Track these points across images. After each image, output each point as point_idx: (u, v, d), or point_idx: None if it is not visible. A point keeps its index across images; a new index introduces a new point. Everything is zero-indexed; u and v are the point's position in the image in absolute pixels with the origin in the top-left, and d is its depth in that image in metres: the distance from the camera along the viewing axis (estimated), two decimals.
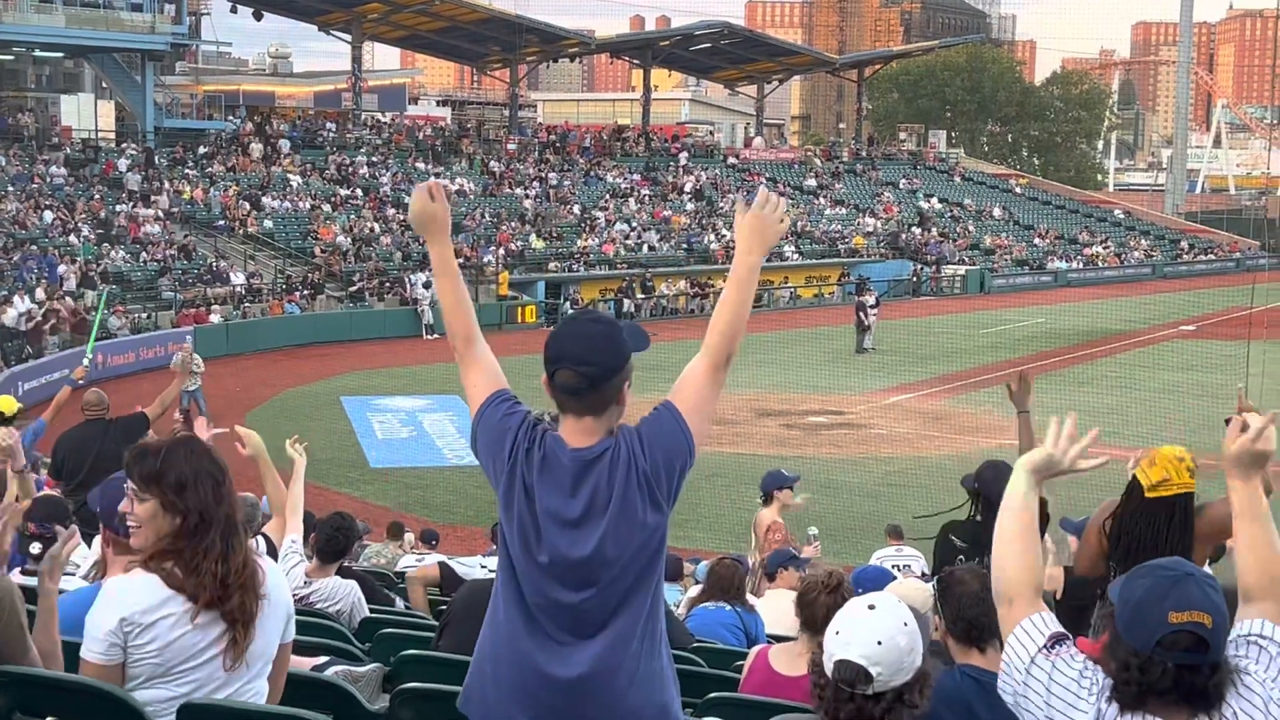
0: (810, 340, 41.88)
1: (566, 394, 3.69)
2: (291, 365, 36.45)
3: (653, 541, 3.67)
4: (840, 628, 3.39)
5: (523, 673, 3.67)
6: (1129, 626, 3.00)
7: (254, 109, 62.47)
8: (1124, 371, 35.78)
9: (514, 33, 62.14)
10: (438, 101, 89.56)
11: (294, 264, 45.17)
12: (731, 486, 21.26)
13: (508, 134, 64.67)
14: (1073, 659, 3.15)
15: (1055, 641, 3.20)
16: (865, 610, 3.42)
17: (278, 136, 55.23)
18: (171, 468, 3.88)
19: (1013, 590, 3.37)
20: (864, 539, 16.65)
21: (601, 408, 3.70)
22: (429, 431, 27.95)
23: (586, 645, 3.63)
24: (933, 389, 33.52)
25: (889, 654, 3.34)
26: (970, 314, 49.53)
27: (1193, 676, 2.95)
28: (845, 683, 3.34)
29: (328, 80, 72.89)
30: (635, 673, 3.65)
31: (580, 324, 3.80)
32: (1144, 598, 3.00)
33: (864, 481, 23.39)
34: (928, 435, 27.78)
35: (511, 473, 3.70)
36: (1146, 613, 2.98)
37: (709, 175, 65.28)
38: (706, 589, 8.08)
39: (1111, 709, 3.02)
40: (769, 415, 29.79)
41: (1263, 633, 3.15)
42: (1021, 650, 3.22)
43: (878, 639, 3.35)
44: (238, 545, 3.89)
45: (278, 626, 3.99)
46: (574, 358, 3.67)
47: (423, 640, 6.18)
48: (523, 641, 3.68)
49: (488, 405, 3.81)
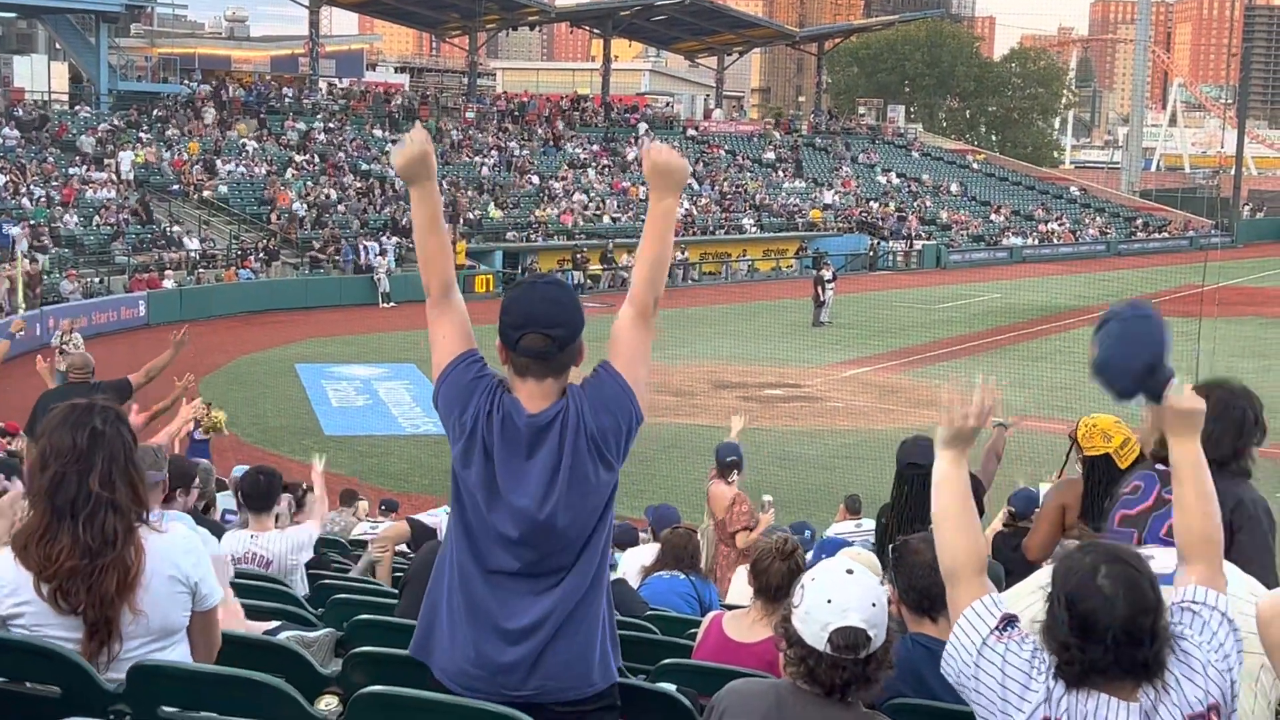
0: (768, 313, 41.98)
1: (533, 358, 3.73)
2: (246, 332, 36.20)
3: (602, 499, 3.76)
4: (831, 595, 3.39)
5: (476, 625, 3.75)
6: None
7: (210, 73, 61.79)
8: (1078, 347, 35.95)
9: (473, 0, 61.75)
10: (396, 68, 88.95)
11: (249, 230, 44.81)
12: (688, 458, 21.31)
13: (466, 102, 64.29)
14: (1023, 641, 3.15)
15: (1006, 624, 3.20)
16: (846, 575, 3.43)
17: (234, 101, 54.67)
18: (39, 438, 3.73)
19: (955, 569, 3.38)
20: (819, 510, 16.73)
21: (563, 369, 3.78)
22: (384, 400, 27.84)
23: (538, 599, 3.72)
24: (889, 363, 33.67)
25: (880, 614, 3.41)
26: (927, 289, 49.77)
27: (1134, 651, 2.96)
28: (848, 649, 3.35)
29: (285, 45, 72.25)
30: (582, 624, 3.75)
31: (542, 288, 3.84)
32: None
33: (820, 454, 23.49)
34: (884, 408, 27.89)
35: (473, 433, 3.75)
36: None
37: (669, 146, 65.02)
38: (660, 558, 8.10)
39: (1059, 686, 3.04)
40: (726, 387, 29.85)
41: (1195, 598, 3.18)
42: (972, 632, 3.21)
43: (871, 601, 3.39)
44: (104, 530, 3.66)
45: (175, 599, 3.82)
46: (544, 321, 3.72)
47: (376, 605, 6.16)
48: (476, 595, 3.76)
49: (459, 363, 3.84)
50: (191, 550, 3.89)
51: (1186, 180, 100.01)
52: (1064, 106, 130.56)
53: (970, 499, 3.49)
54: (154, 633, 3.78)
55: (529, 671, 3.72)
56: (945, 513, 3.47)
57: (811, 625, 3.38)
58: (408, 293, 42.46)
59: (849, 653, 3.35)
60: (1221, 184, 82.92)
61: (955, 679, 3.25)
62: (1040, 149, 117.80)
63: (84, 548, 3.63)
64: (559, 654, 3.72)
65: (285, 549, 6.90)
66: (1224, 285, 37.57)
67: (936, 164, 76.27)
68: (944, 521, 3.46)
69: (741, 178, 64.26)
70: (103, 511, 3.67)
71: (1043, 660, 3.09)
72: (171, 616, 3.83)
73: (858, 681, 3.39)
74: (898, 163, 74.16)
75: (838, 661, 3.36)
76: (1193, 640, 3.09)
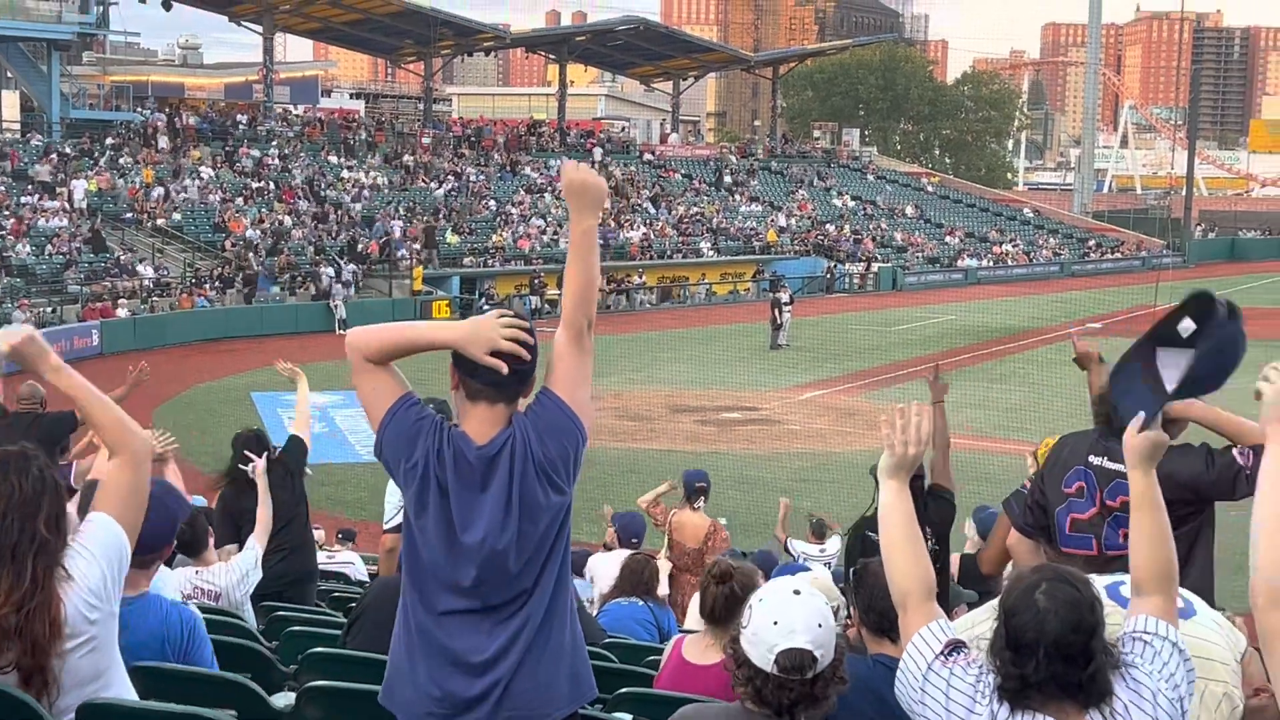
0: (725, 337, 42.03)
1: (491, 385, 3.73)
2: (201, 360, 35.93)
3: (556, 521, 3.77)
4: (777, 617, 3.41)
5: (438, 663, 3.74)
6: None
7: (163, 100, 61.50)
8: (1032, 368, 36.28)
9: (428, 26, 61.78)
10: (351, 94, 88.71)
11: (203, 257, 44.55)
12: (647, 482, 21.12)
13: (422, 128, 64.26)
14: (969, 665, 3.19)
15: (951, 649, 3.25)
16: (793, 595, 3.45)
17: (188, 128, 54.40)
18: None
19: (903, 597, 3.44)
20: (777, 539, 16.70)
21: (514, 397, 3.79)
22: (341, 427, 27.69)
23: (499, 630, 3.72)
24: (846, 385, 33.78)
25: (827, 634, 3.43)
26: (883, 311, 49.99)
27: (1066, 668, 2.99)
28: (794, 670, 3.37)
29: (239, 72, 72.00)
30: (546, 649, 3.75)
31: None
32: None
33: (777, 477, 23.50)
34: (841, 431, 27.97)
35: (425, 475, 3.74)
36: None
37: (625, 171, 65.31)
38: (619, 584, 8.08)
39: (1004, 709, 3.07)
40: (684, 411, 29.86)
41: (1147, 629, 3.20)
42: (919, 657, 3.27)
43: (818, 622, 3.42)
44: (19, 581, 3.53)
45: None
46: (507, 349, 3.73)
47: (331, 638, 6.10)
48: (437, 631, 3.75)
49: (398, 408, 3.81)
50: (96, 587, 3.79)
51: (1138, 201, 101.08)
52: (1017, 129, 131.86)
53: (915, 526, 3.54)
54: (84, 678, 3.70)
55: (497, 703, 3.71)
56: (893, 540, 3.53)
57: (759, 647, 3.40)
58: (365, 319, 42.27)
59: (795, 674, 3.37)
60: (1173, 205, 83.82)
61: (905, 704, 3.30)
62: (994, 171, 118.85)
63: (21, 595, 3.50)
64: (525, 682, 3.71)
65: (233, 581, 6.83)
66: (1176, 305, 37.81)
67: (891, 187, 76.75)
68: (892, 549, 3.52)
69: (698, 202, 64.45)
70: (36, 557, 3.55)
71: (987, 684, 3.12)
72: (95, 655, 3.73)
73: (805, 701, 3.42)
74: (853, 186, 74.58)
75: (784, 683, 3.38)
76: (1143, 669, 3.12)
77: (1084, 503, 5.03)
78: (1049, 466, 5.28)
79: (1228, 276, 67.18)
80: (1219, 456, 4.84)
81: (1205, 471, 4.83)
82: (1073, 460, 5.10)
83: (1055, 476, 5.16)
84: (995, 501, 7.27)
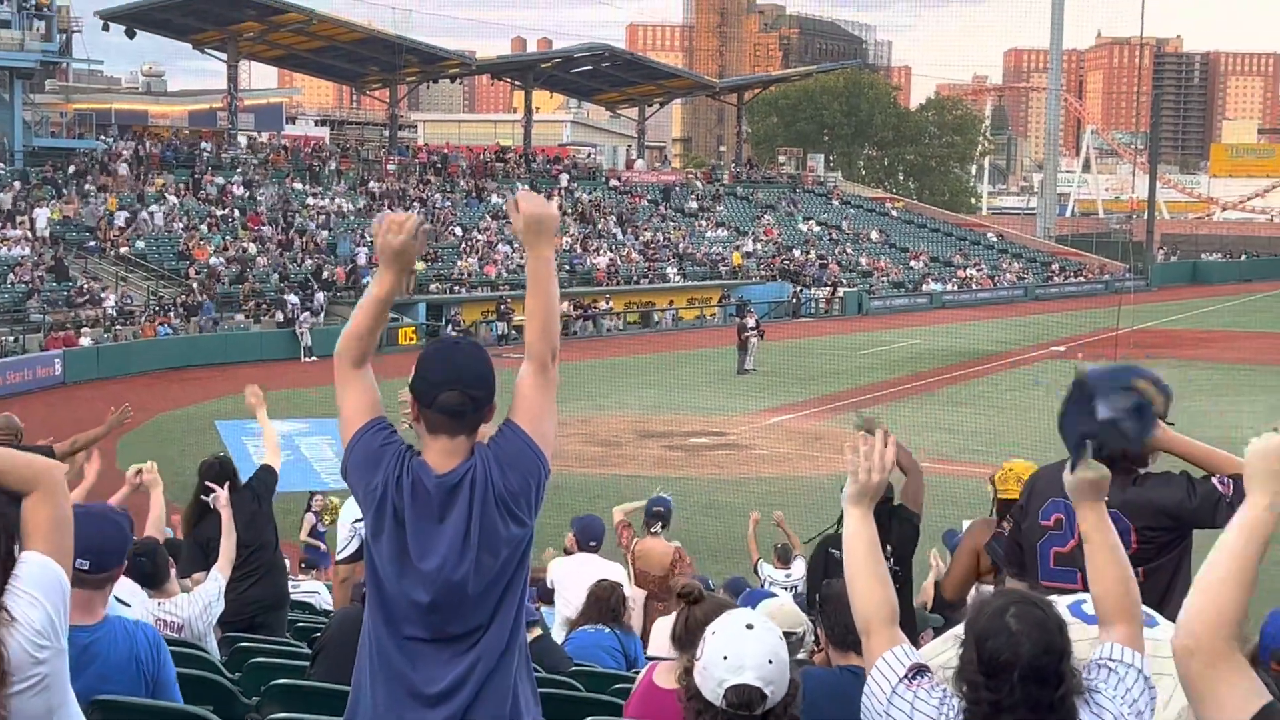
0: (692, 362, 42.10)
1: (450, 416, 3.71)
2: (165, 389, 35.70)
3: (515, 555, 3.74)
4: (727, 652, 3.38)
5: (396, 693, 3.71)
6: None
7: (127, 128, 61.23)
8: (997, 391, 36.44)
9: (393, 53, 61.78)
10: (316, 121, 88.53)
11: (167, 285, 44.32)
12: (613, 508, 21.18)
13: (387, 154, 64.18)
14: (933, 689, 3.20)
15: (915, 673, 3.26)
16: (746, 630, 3.43)
17: (152, 156, 54.18)
18: None
19: (867, 623, 3.44)
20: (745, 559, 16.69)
21: (474, 428, 3.76)
22: (306, 455, 27.54)
23: (456, 661, 3.68)
24: (813, 409, 33.83)
25: (779, 670, 3.39)
26: (849, 335, 50.15)
27: (1039, 691, 2.99)
28: (742, 706, 3.34)
29: (203, 99, 71.76)
30: (502, 682, 3.72)
31: (460, 348, 3.85)
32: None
33: (745, 502, 23.45)
34: (808, 455, 28.00)
35: (383, 499, 3.72)
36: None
37: (591, 197, 65.42)
38: (585, 611, 8.03)
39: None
40: (651, 437, 29.84)
41: (1112, 656, 3.22)
42: (884, 681, 3.28)
43: (768, 658, 3.38)
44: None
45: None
46: (464, 380, 3.71)
47: (294, 669, 6.05)
48: (394, 662, 3.72)
49: (366, 430, 3.82)
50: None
51: (1101, 225, 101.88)
52: (980, 154, 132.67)
53: (879, 552, 3.54)
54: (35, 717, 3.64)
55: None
56: (856, 567, 3.53)
57: (709, 681, 3.38)
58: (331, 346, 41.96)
59: (744, 710, 3.34)
60: (1135, 228, 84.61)
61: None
62: (957, 196, 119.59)
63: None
64: (480, 715, 3.68)
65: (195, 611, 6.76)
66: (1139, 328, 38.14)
67: (856, 212, 77.16)
68: (855, 576, 3.52)
69: (665, 227, 64.57)
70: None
71: (951, 706, 3.13)
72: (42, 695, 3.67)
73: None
74: (818, 211, 74.91)
75: (733, 717, 3.36)
76: (1106, 694, 3.14)
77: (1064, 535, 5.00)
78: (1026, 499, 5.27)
79: (1190, 299, 67.81)
80: (1200, 485, 4.85)
81: (1187, 499, 4.83)
82: (1049, 492, 5.08)
83: (1033, 510, 5.15)
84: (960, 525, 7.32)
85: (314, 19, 57.92)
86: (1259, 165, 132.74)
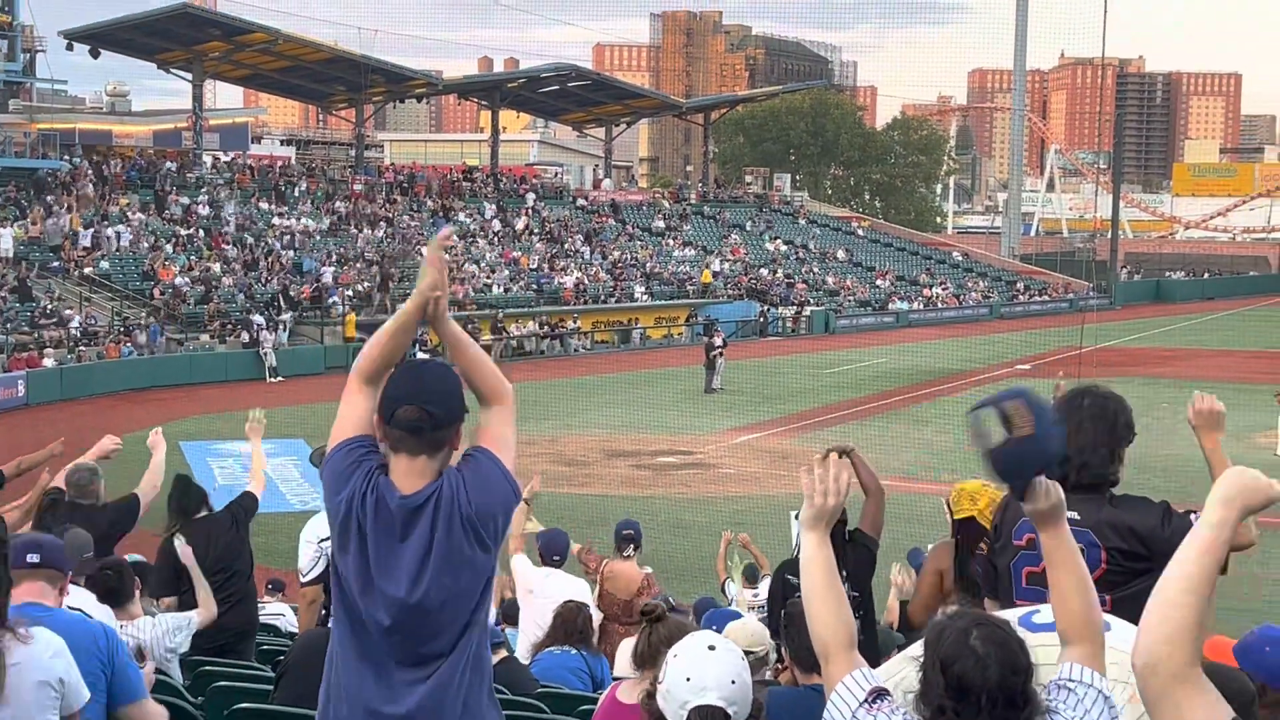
0: (660, 381, 42.09)
1: (408, 431, 3.72)
2: (129, 410, 35.42)
3: (479, 581, 3.74)
4: (690, 673, 3.38)
5: (356, 712, 3.70)
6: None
7: (91, 148, 60.86)
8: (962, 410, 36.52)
9: (359, 73, 61.66)
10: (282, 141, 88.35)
11: (132, 306, 44.05)
12: (581, 528, 21.12)
13: (354, 174, 64.03)
14: (893, 712, 3.19)
15: (875, 696, 3.24)
16: (708, 651, 3.42)
17: (116, 176, 53.88)
18: None
19: (825, 647, 3.42)
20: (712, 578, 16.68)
21: (437, 448, 3.76)
22: (272, 476, 27.26)
23: (417, 685, 3.67)
24: (781, 428, 33.88)
25: (742, 690, 3.41)
26: (816, 354, 50.23)
27: (1007, 712, 3.00)
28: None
29: (168, 119, 71.39)
30: (461, 709, 3.71)
31: (427, 366, 3.91)
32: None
33: (713, 521, 23.45)
34: (776, 474, 28.01)
35: (348, 514, 3.72)
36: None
37: (559, 216, 65.44)
38: (551, 633, 8.00)
39: None
40: (619, 456, 29.82)
41: (1071, 676, 3.23)
42: (844, 706, 3.26)
43: (731, 679, 3.39)
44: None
45: (44, 704, 3.78)
46: (422, 396, 3.74)
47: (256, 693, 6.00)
48: (356, 682, 3.72)
49: (344, 446, 3.83)
50: (59, 653, 3.80)
51: (1065, 244, 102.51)
52: (945, 173, 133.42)
53: (836, 576, 3.52)
54: None
55: None
56: (814, 591, 3.50)
57: (671, 703, 3.38)
58: (295, 367, 41.95)
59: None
60: (1099, 247, 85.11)
61: None
62: (923, 215, 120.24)
63: None
64: None
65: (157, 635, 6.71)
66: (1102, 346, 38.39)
67: (822, 231, 77.45)
68: (813, 600, 3.49)
69: (632, 246, 64.64)
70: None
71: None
72: (29, 715, 3.70)
73: None
74: (785, 230, 75.16)
75: None
76: (1065, 714, 3.14)
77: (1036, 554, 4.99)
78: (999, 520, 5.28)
79: (1153, 318, 68.30)
80: (1176, 518, 4.83)
81: (1160, 528, 4.82)
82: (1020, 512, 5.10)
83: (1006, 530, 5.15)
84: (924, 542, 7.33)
85: (279, 39, 57.80)
86: (1221, 184, 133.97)
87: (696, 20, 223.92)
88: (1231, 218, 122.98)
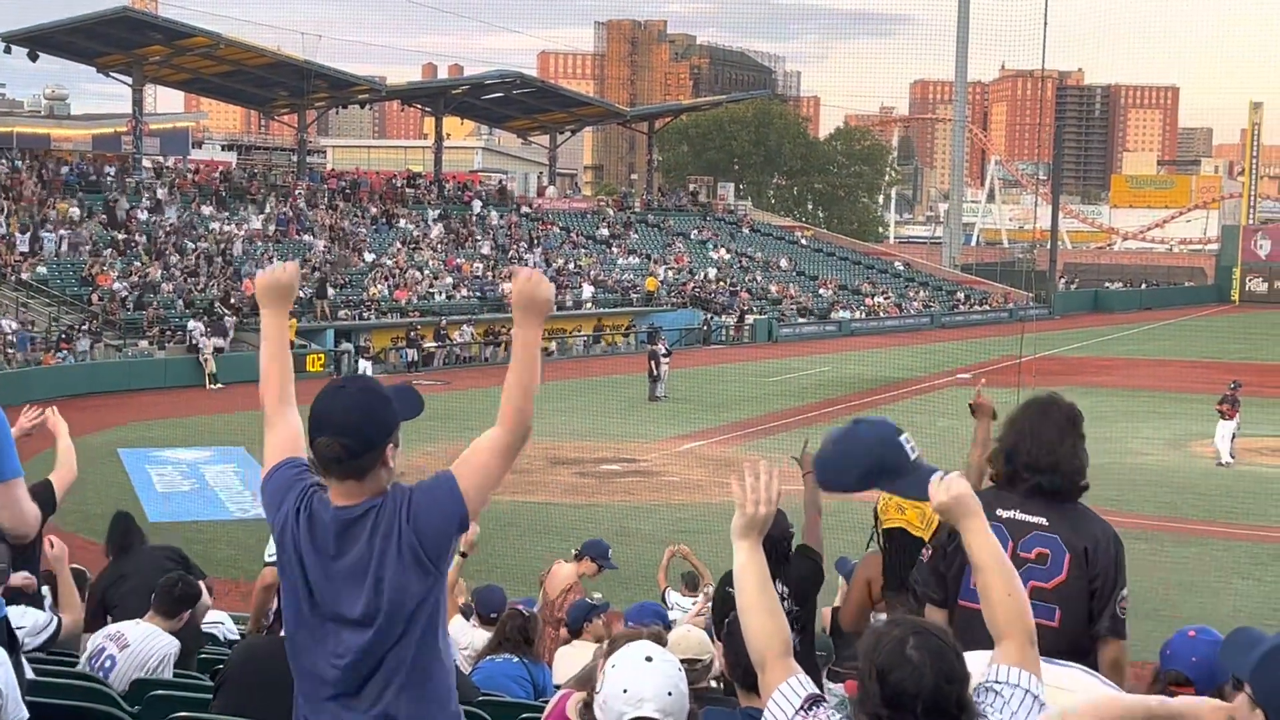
0: (603, 388, 42.05)
1: (327, 461, 3.66)
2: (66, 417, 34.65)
3: (425, 607, 3.64)
4: (627, 684, 3.37)
5: None
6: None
7: (28, 151, 60.07)
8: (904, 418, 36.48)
9: (302, 78, 61.30)
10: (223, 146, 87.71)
11: (70, 311, 43.51)
12: (525, 536, 21.16)
13: (296, 180, 63.60)
14: (829, 719, 3.21)
15: (811, 703, 3.25)
16: (645, 663, 3.42)
17: (55, 180, 53.24)
18: None
19: (761, 656, 3.42)
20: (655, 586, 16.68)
21: (362, 474, 3.66)
22: (211, 484, 27.13)
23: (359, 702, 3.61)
24: (724, 435, 33.96)
25: (679, 702, 3.40)
26: (759, 362, 50.40)
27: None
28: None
29: (107, 123, 70.59)
30: None
31: (347, 394, 3.73)
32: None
33: (656, 529, 23.48)
34: (720, 482, 28.03)
35: (284, 532, 3.70)
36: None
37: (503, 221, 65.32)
38: (494, 640, 7.98)
39: None
40: (562, 464, 29.77)
41: (997, 678, 3.25)
42: (780, 713, 3.26)
43: (668, 690, 3.38)
44: None
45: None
46: (335, 428, 3.63)
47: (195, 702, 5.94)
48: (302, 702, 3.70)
49: (280, 466, 3.82)
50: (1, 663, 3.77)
51: (1005, 254, 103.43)
52: (887, 184, 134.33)
53: (769, 585, 3.51)
54: None
55: None
56: (748, 600, 3.49)
57: (608, 714, 3.38)
58: (236, 374, 41.56)
59: None
60: (1038, 257, 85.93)
61: None
62: (865, 225, 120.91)
63: None
64: None
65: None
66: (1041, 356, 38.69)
67: (766, 240, 77.74)
68: (747, 609, 3.48)
69: (576, 254, 64.60)
70: None
71: None
72: None
73: None
74: (728, 239, 75.39)
75: None
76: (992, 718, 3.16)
77: None
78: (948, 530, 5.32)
79: (1091, 327, 69.03)
80: (1120, 556, 4.89)
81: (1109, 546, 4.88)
82: None
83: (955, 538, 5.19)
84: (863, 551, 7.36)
85: (221, 43, 57.32)
86: (1159, 196, 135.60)
87: (641, 29, 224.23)
88: (1168, 229, 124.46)
